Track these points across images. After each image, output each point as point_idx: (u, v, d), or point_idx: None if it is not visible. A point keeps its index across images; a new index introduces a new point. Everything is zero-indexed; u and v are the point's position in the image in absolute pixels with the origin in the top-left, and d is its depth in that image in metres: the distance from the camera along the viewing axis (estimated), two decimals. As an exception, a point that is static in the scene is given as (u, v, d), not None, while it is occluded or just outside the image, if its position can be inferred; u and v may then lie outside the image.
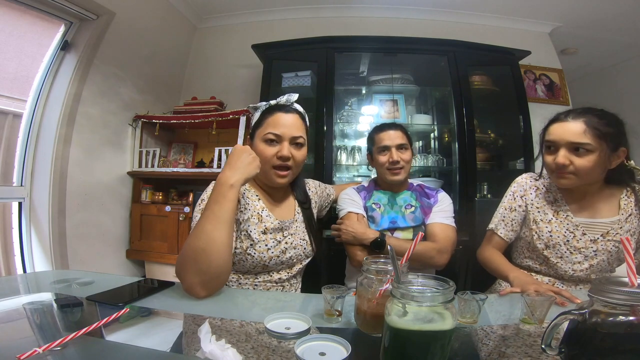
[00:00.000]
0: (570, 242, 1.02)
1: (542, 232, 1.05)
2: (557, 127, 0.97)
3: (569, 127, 0.94)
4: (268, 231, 1.00)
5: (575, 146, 0.94)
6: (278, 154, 0.98)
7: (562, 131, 0.96)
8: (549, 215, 1.05)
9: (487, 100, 2.39)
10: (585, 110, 0.96)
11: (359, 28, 2.60)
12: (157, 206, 2.35)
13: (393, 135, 1.30)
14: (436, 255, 1.18)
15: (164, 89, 2.72)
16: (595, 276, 1.02)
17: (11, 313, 0.75)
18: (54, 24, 1.99)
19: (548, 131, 1.00)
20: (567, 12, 2.58)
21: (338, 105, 2.31)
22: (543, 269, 1.08)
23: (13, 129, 1.94)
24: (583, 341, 0.50)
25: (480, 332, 0.68)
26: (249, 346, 0.59)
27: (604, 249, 1.00)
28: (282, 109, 1.03)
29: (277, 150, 0.99)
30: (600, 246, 1.00)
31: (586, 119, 0.93)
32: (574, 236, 1.02)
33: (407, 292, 0.51)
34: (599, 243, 1.00)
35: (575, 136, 0.93)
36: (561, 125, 0.96)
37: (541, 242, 1.05)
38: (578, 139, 0.93)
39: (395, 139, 1.29)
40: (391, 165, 1.28)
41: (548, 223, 1.05)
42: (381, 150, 1.30)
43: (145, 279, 0.96)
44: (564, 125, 0.95)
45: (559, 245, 1.02)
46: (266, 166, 0.99)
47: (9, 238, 1.92)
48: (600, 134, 0.91)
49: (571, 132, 0.94)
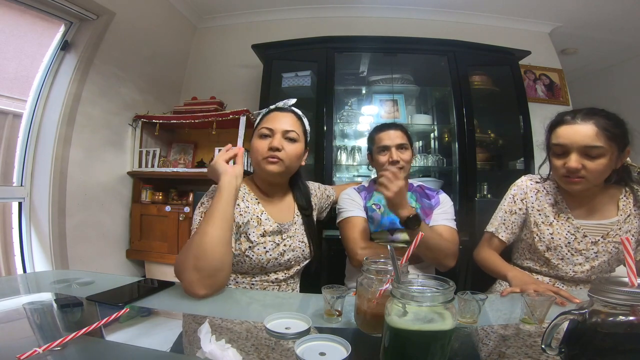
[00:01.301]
0: (571, 244, 1.02)
1: (544, 235, 1.05)
2: (567, 130, 0.92)
3: (579, 129, 0.90)
4: (267, 234, 1.01)
5: (587, 150, 0.90)
6: (269, 145, 1.00)
7: (572, 134, 0.91)
8: (550, 217, 1.05)
9: (487, 100, 2.39)
10: (591, 111, 0.92)
11: (359, 28, 2.60)
12: (157, 206, 2.35)
13: (393, 135, 1.30)
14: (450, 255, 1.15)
15: (164, 89, 2.72)
16: (596, 277, 1.02)
17: (11, 313, 0.75)
18: (54, 24, 1.99)
19: (556, 134, 0.95)
20: (567, 12, 2.58)
21: (338, 105, 2.31)
22: (544, 270, 1.07)
23: (13, 129, 1.94)
24: (583, 341, 0.50)
25: (480, 332, 0.68)
26: (249, 346, 0.59)
27: (604, 250, 1.00)
28: (279, 110, 1.08)
29: (269, 142, 1.01)
30: (600, 247, 1.00)
31: (595, 121, 0.89)
32: (575, 238, 1.01)
33: (407, 292, 0.51)
34: (599, 245, 1.00)
35: (588, 139, 0.89)
36: (571, 127, 0.92)
37: (542, 245, 1.05)
38: (591, 142, 0.89)
39: (395, 138, 1.29)
40: (391, 165, 1.27)
41: (549, 225, 1.05)
42: (381, 150, 1.30)
43: (145, 279, 0.96)
44: (574, 128, 0.91)
45: (560, 247, 1.02)
46: (258, 158, 1.01)
47: (9, 238, 1.92)
48: (610, 135, 0.89)
49: (583, 135, 0.89)
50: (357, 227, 1.25)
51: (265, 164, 1.01)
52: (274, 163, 1.00)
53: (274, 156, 1.00)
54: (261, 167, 1.02)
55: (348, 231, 1.25)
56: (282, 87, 2.28)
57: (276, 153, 1.00)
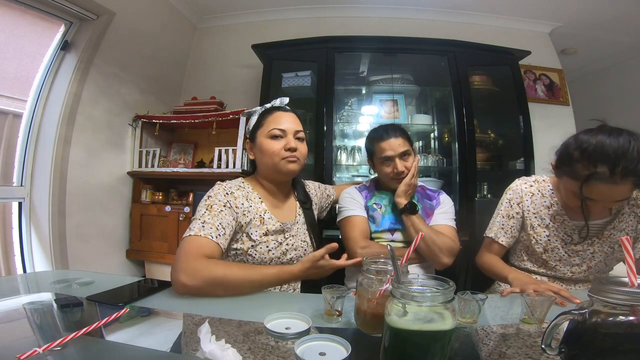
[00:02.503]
0: (567, 245, 1.03)
1: (540, 237, 1.06)
2: (604, 189, 0.83)
3: (618, 190, 0.83)
4: (269, 233, 1.01)
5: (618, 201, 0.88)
6: (286, 145, 1.02)
7: (609, 194, 0.84)
8: (546, 220, 1.06)
9: (487, 100, 2.39)
10: (632, 167, 0.79)
11: (359, 28, 2.60)
12: (157, 206, 2.35)
13: (394, 143, 1.24)
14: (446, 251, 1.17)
15: (164, 89, 2.72)
16: (594, 277, 1.02)
17: (11, 313, 0.75)
18: (54, 24, 1.99)
19: (591, 188, 0.85)
20: (567, 12, 2.58)
21: (338, 105, 2.31)
22: (542, 271, 1.08)
23: (13, 129, 1.94)
24: (583, 341, 0.50)
25: (480, 332, 0.68)
26: (249, 346, 0.59)
27: (600, 250, 1.01)
28: (280, 109, 1.09)
29: (283, 143, 1.02)
30: (597, 248, 1.01)
31: (635, 179, 0.81)
32: (572, 240, 1.02)
33: (407, 292, 0.51)
34: (595, 245, 1.01)
35: (624, 196, 0.85)
36: (610, 188, 0.82)
37: (539, 246, 1.06)
38: (625, 197, 0.86)
39: (397, 147, 1.24)
40: (396, 175, 1.26)
41: (545, 228, 1.06)
42: (384, 160, 1.26)
43: (145, 279, 0.96)
44: (613, 189, 0.83)
45: (557, 249, 1.03)
46: (275, 159, 1.02)
47: (9, 238, 1.92)
48: None
49: (620, 194, 0.84)
50: (357, 227, 1.25)
51: (285, 164, 1.02)
52: (294, 162, 1.03)
53: (294, 156, 1.03)
54: (279, 168, 1.03)
55: (348, 230, 1.25)
56: (282, 87, 2.28)
57: (294, 154, 1.03)
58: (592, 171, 0.82)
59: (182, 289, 0.81)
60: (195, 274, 0.81)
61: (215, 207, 0.93)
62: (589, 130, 0.88)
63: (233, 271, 0.85)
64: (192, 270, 0.81)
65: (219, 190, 0.98)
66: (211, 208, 0.93)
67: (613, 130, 0.84)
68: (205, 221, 0.89)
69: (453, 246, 1.19)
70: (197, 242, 0.86)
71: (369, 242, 1.24)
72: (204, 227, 0.88)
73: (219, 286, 0.82)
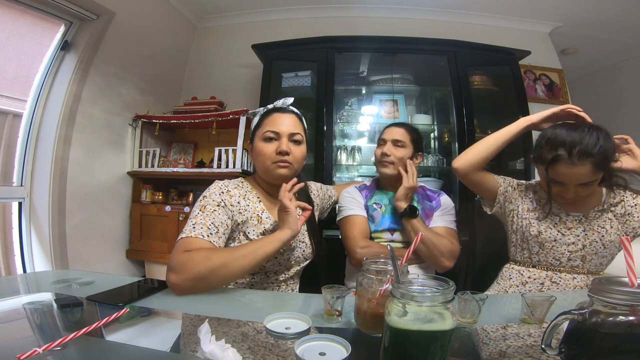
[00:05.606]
0: (558, 225, 1.08)
1: (532, 221, 1.12)
2: (565, 170, 0.96)
3: (577, 171, 0.95)
4: (267, 232, 1.00)
5: (583, 184, 0.98)
6: (277, 149, 1.00)
7: (570, 174, 0.96)
8: (537, 206, 1.13)
9: (487, 100, 2.38)
10: (587, 149, 0.93)
11: (359, 28, 2.60)
12: (157, 206, 2.35)
13: (394, 131, 1.33)
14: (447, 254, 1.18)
15: (164, 89, 2.72)
16: (591, 259, 1.06)
17: (11, 313, 0.75)
18: (54, 24, 1.99)
19: (555, 170, 0.98)
20: (567, 12, 2.58)
21: (338, 105, 2.31)
22: (541, 259, 1.10)
23: (13, 129, 1.94)
24: (583, 341, 0.50)
25: (480, 332, 0.68)
26: (249, 346, 0.59)
27: (590, 229, 1.06)
28: (280, 110, 1.06)
29: (276, 146, 1.00)
30: (586, 226, 1.07)
31: (593, 160, 0.93)
32: (560, 219, 1.09)
33: (407, 292, 0.51)
34: (584, 223, 1.07)
35: (585, 178, 0.96)
36: (569, 168, 0.95)
37: (534, 229, 1.10)
38: (587, 179, 0.96)
39: (394, 134, 1.32)
40: (381, 157, 1.30)
41: (535, 211, 1.13)
42: (379, 143, 1.35)
43: (145, 279, 0.96)
44: (573, 169, 0.95)
45: (549, 229, 1.08)
46: (267, 162, 1.01)
47: (9, 238, 1.92)
48: (603, 167, 0.95)
49: (580, 175, 0.95)
50: (357, 226, 1.25)
51: (275, 168, 1.01)
52: (284, 167, 1.01)
53: (284, 160, 1.00)
54: (270, 172, 1.02)
55: (348, 229, 1.25)
56: (282, 87, 2.28)
57: (285, 157, 1.00)
58: (554, 154, 0.96)
59: (175, 287, 0.81)
60: (182, 268, 0.80)
61: (208, 208, 0.93)
62: (556, 124, 1.04)
63: (217, 253, 0.84)
64: (179, 265, 0.81)
65: (214, 189, 0.98)
66: (204, 209, 0.92)
67: (576, 124, 1.01)
68: (196, 222, 0.89)
69: (454, 249, 1.19)
70: (187, 242, 0.86)
71: (368, 242, 1.24)
72: (194, 229, 0.88)
73: (210, 274, 0.80)
